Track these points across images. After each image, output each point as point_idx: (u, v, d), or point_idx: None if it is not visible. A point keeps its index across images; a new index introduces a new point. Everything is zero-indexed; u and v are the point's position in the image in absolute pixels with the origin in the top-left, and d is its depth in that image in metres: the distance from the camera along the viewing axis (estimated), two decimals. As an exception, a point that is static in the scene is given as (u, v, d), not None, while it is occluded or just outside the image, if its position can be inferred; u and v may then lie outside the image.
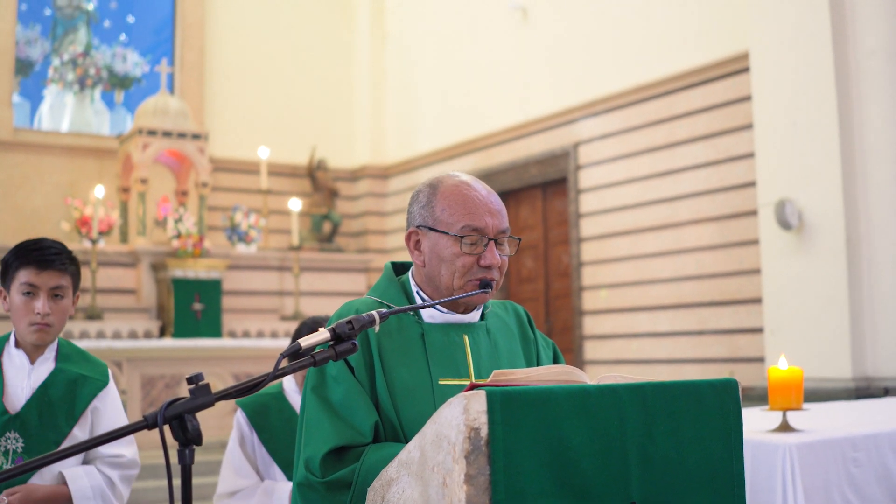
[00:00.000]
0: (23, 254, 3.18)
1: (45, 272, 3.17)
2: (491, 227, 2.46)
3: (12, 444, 3.12)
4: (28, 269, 3.16)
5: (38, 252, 3.17)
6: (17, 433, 3.13)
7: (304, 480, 2.29)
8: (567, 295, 10.91)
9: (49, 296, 3.18)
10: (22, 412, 3.15)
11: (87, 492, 3.17)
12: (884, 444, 3.87)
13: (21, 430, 3.14)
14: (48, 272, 3.17)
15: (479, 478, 1.90)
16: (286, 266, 12.13)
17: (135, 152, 11.16)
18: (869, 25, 7.45)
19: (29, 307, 3.16)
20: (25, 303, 3.16)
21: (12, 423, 3.13)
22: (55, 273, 3.19)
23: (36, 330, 3.18)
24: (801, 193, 7.69)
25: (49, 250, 3.19)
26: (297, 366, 2.02)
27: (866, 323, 7.41)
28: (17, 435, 3.13)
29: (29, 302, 3.16)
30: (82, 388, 3.29)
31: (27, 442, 3.14)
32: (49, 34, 13.08)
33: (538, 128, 11.26)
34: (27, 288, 3.16)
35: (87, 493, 3.17)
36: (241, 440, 3.72)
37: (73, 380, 3.27)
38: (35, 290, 3.17)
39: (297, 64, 13.89)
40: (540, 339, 2.72)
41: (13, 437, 3.13)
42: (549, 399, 1.97)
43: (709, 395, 2.18)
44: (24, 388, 3.20)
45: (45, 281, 3.17)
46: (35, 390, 3.20)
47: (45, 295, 3.17)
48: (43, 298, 3.17)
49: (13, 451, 3.12)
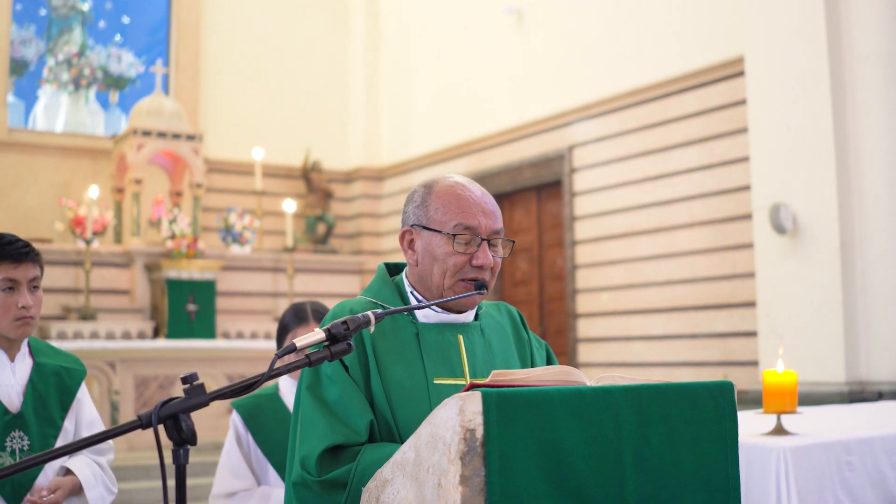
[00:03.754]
0: None
1: (22, 265, 3.18)
2: (484, 227, 2.46)
3: (18, 443, 3.14)
4: (5, 265, 3.15)
5: (9, 247, 3.17)
6: (21, 431, 3.15)
7: (299, 479, 2.29)
8: (561, 298, 10.91)
9: (28, 288, 3.19)
10: (23, 410, 3.17)
11: (92, 480, 3.24)
12: (877, 448, 3.87)
13: (24, 428, 3.16)
14: (25, 265, 3.18)
15: (475, 479, 1.89)
16: (280, 267, 12.12)
17: (129, 153, 11.14)
18: (864, 30, 7.46)
19: (11, 302, 3.16)
20: (6, 298, 3.16)
21: (15, 422, 3.15)
22: (30, 265, 3.20)
23: (22, 324, 3.18)
24: (795, 197, 7.70)
25: (18, 244, 3.20)
26: (293, 366, 2.01)
27: (860, 327, 7.42)
28: (21, 433, 3.15)
29: (10, 297, 3.16)
30: (67, 379, 3.32)
31: (31, 439, 3.16)
32: (44, 34, 13.05)
33: (533, 130, 11.26)
34: (8, 283, 3.15)
35: (92, 480, 3.24)
36: (237, 441, 3.70)
37: (55, 371, 3.30)
38: (16, 284, 3.17)
39: (292, 65, 13.88)
40: (533, 339, 2.72)
41: (18, 436, 3.15)
42: (544, 400, 1.96)
43: (704, 398, 2.18)
44: (12, 385, 3.21)
45: (23, 274, 3.18)
46: (26, 387, 3.21)
47: (25, 288, 3.18)
48: (24, 292, 3.17)
49: (20, 449, 3.14)
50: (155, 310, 10.91)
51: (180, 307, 10.66)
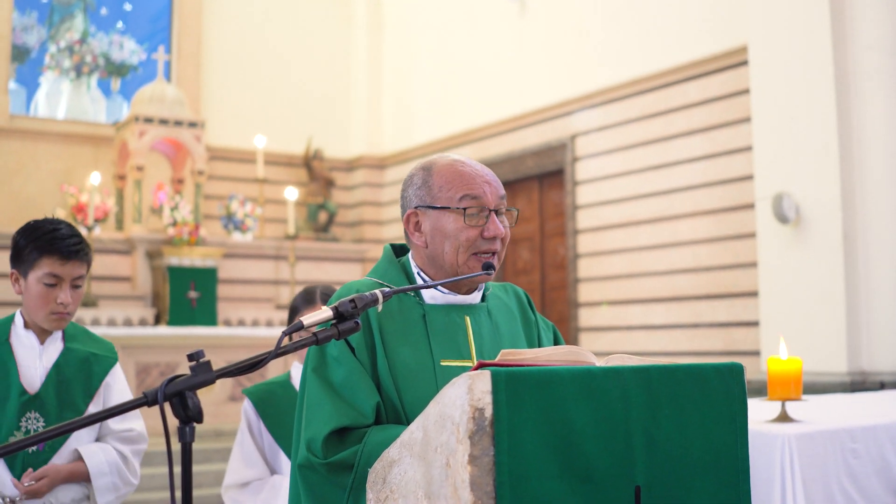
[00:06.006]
0: (46, 243, 3.14)
1: (70, 263, 3.15)
2: (490, 196, 2.46)
3: (33, 423, 3.14)
4: (52, 260, 3.13)
5: (62, 243, 3.14)
6: (37, 413, 3.15)
7: (305, 461, 2.28)
8: (563, 287, 10.90)
9: (70, 286, 3.18)
10: (41, 392, 3.16)
11: (104, 467, 3.21)
12: (882, 436, 3.86)
13: (41, 409, 3.15)
14: (72, 263, 3.16)
15: (483, 458, 1.88)
16: (282, 255, 12.11)
17: (131, 140, 11.12)
18: (868, 20, 7.44)
19: (51, 297, 3.15)
20: (47, 292, 3.15)
21: (32, 403, 3.15)
22: (77, 263, 3.18)
23: (57, 318, 3.19)
24: (798, 187, 7.68)
25: (72, 240, 3.16)
26: (300, 344, 2.00)
27: (862, 317, 7.41)
28: (37, 415, 3.15)
29: (51, 292, 3.15)
30: (95, 365, 3.31)
31: (47, 421, 3.15)
32: (46, 21, 13.02)
33: (535, 119, 11.24)
34: (51, 279, 3.14)
35: (104, 468, 3.21)
36: (249, 429, 3.68)
37: (84, 358, 3.29)
38: (59, 280, 3.15)
39: (295, 53, 13.84)
40: (540, 321, 2.71)
41: (34, 417, 3.14)
42: (553, 380, 1.95)
43: (714, 380, 2.16)
44: (37, 367, 3.20)
45: (69, 272, 3.16)
46: (49, 370, 3.20)
47: (68, 285, 3.17)
48: (66, 289, 3.16)
49: (34, 430, 3.13)
50: (156, 297, 10.91)
51: (182, 294, 10.66)
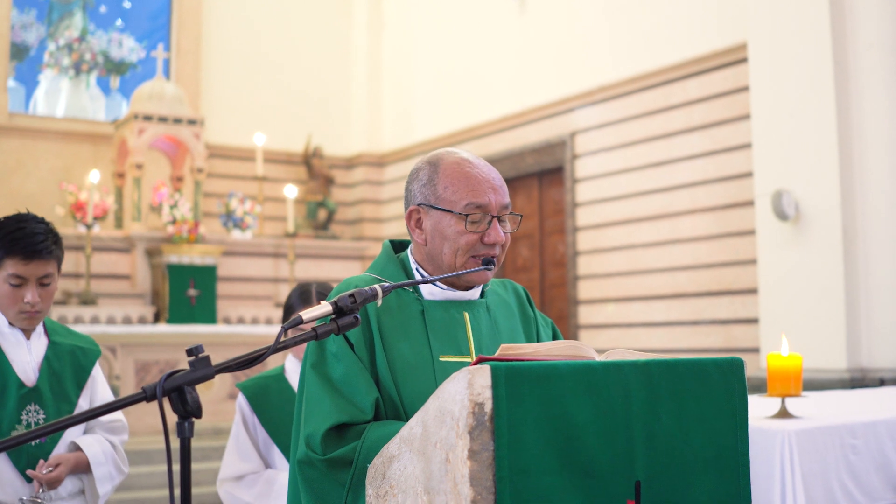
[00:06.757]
0: (8, 243, 3.10)
1: (32, 263, 3.12)
2: (494, 204, 2.44)
3: (33, 416, 3.16)
4: (14, 260, 3.10)
5: (23, 242, 3.10)
6: (37, 405, 3.17)
7: (304, 458, 2.27)
8: (562, 284, 10.89)
9: (37, 284, 3.15)
10: (38, 384, 3.18)
11: (101, 457, 3.26)
12: (882, 432, 3.86)
13: (39, 401, 3.18)
14: (35, 263, 3.12)
15: (483, 454, 1.87)
16: (281, 253, 12.10)
17: (130, 137, 11.11)
18: (868, 18, 7.44)
19: (17, 296, 3.13)
20: (13, 292, 3.13)
21: (31, 395, 3.16)
22: (41, 263, 3.13)
23: (26, 318, 3.18)
24: (797, 184, 7.68)
25: (35, 238, 3.12)
26: (299, 339, 1.99)
27: (862, 314, 7.41)
28: (37, 407, 3.17)
29: (17, 292, 3.13)
30: (82, 358, 3.34)
31: (47, 413, 3.18)
32: (45, 19, 13.00)
33: (535, 117, 11.23)
34: (15, 280, 3.12)
35: (101, 458, 3.26)
36: (243, 423, 3.69)
37: (70, 351, 3.32)
38: (23, 280, 3.12)
39: (294, 51, 13.82)
40: (539, 317, 2.70)
41: (34, 410, 3.17)
42: (553, 375, 1.94)
43: (714, 375, 2.16)
44: (28, 361, 3.21)
45: (32, 272, 3.13)
46: (41, 363, 3.22)
47: (34, 285, 3.14)
48: (32, 288, 3.14)
49: (35, 423, 3.16)
50: (156, 295, 10.90)
51: (181, 292, 10.65)
